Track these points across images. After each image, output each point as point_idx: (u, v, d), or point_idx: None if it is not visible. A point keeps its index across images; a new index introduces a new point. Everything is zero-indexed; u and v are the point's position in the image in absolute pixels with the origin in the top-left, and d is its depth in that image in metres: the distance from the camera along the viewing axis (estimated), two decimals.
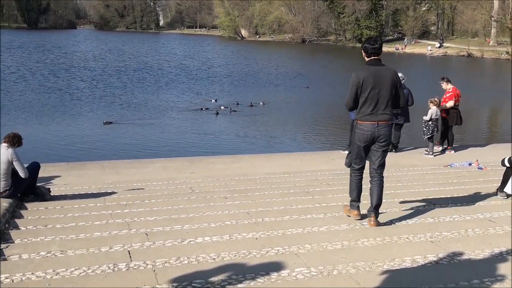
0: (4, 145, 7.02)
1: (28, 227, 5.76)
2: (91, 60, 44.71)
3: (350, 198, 5.90)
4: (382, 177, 5.61)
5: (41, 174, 9.51)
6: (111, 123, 17.91)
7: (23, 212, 6.59)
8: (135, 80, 31.46)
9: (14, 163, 6.97)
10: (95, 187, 8.64)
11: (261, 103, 23.06)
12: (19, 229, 5.70)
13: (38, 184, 8.74)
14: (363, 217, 5.83)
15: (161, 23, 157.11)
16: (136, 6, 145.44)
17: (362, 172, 5.74)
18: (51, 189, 7.80)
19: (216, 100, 23.83)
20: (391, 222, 5.85)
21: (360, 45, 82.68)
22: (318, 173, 9.94)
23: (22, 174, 7.03)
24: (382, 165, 5.57)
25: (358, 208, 5.79)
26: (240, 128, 18.33)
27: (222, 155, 12.77)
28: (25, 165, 7.34)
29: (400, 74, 12.02)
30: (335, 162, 11.21)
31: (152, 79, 32.67)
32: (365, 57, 5.56)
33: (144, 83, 30.36)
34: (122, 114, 20.36)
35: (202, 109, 21.64)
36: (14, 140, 7.11)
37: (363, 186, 5.89)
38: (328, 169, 10.45)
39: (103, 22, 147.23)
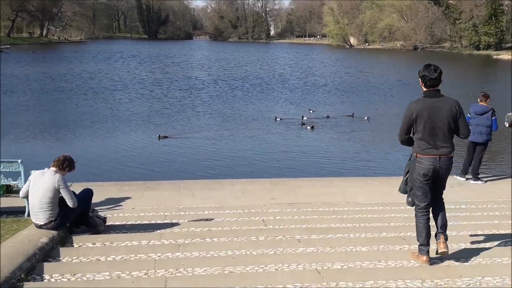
0: (52, 169, 6.27)
1: (53, 276, 4.86)
2: (196, 69, 45.54)
3: (418, 242, 5.34)
4: (443, 199, 5.42)
5: (115, 194, 9.01)
6: (166, 137, 17.06)
7: (64, 250, 5.75)
8: (232, 89, 31.29)
9: (61, 190, 6.18)
10: (162, 214, 7.77)
11: (365, 118, 21.32)
12: (42, 278, 4.82)
13: (104, 208, 8.13)
14: (432, 261, 5.25)
15: (272, 33, 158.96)
16: (249, 17, 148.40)
17: (429, 211, 5.31)
18: (107, 219, 6.94)
19: (313, 111, 22.62)
20: None
21: (477, 52, 77.90)
22: None
23: (70, 203, 6.23)
24: (442, 192, 5.42)
25: (427, 253, 5.26)
26: (336, 145, 16.83)
27: (311, 176, 11.41)
28: (78, 192, 6.58)
29: None
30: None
31: (248, 88, 32.36)
32: (422, 87, 5.22)
33: (240, 92, 30.12)
34: (208, 124, 19.93)
35: (276, 118, 20.72)
36: (64, 164, 6.34)
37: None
38: None
39: (217, 33, 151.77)
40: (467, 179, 10.49)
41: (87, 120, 20.01)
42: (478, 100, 10.39)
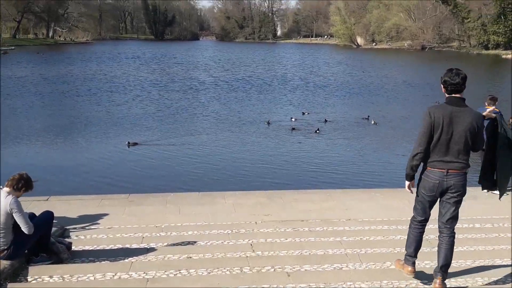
0: (5, 190, 5.46)
1: None
2: (198, 70, 45.09)
3: (406, 251, 5.06)
4: (453, 233, 4.87)
5: (94, 210, 8.22)
6: (136, 144, 15.74)
7: (13, 286, 4.94)
8: (231, 90, 30.72)
9: (14, 215, 5.38)
10: (140, 235, 6.97)
11: (372, 122, 20.30)
12: None
13: (78, 226, 7.34)
14: (418, 275, 5.04)
15: (279, 33, 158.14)
16: (255, 17, 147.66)
17: (424, 225, 4.99)
18: (72, 244, 6.15)
19: (308, 113, 22.11)
20: None
21: (486, 51, 76.62)
22: (434, 224, 7.39)
23: (25, 229, 5.41)
24: (453, 218, 4.82)
25: (413, 264, 4.99)
26: (338, 151, 15.80)
27: (310, 188, 10.53)
28: (38, 214, 5.78)
29: None
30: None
31: (249, 89, 31.81)
32: (444, 93, 4.76)
33: (239, 93, 29.60)
34: (203, 127, 19.23)
35: (269, 123, 19.81)
36: (20, 184, 5.53)
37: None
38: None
39: (223, 33, 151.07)
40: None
41: (79, 124, 19.23)
42: (486, 103, 9.54)
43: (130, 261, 5.75)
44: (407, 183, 4.87)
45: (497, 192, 9.33)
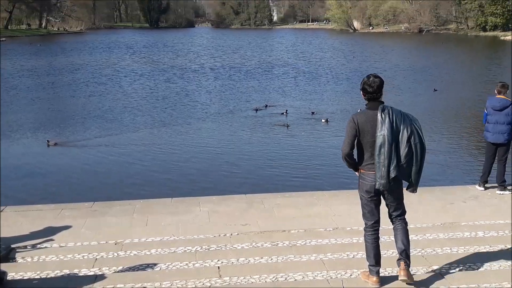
0: None
1: None
2: (183, 58, 44.62)
3: (367, 262, 5.07)
4: (404, 219, 5.09)
5: (51, 222, 7.33)
6: (56, 144, 14.20)
7: None
8: (211, 78, 30.15)
9: None
10: (94, 256, 6.15)
11: (322, 121, 19.11)
12: None
13: (30, 243, 6.48)
14: (383, 282, 5.00)
15: (275, 18, 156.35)
16: (251, 2, 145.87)
17: (377, 229, 5.06)
18: (5, 274, 5.25)
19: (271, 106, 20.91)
20: None
21: (484, 33, 75.45)
22: (434, 234, 6.54)
23: None
24: (402, 213, 5.07)
25: (377, 274, 5.04)
26: (326, 147, 14.76)
27: (295, 191, 9.57)
28: None
29: None
30: (460, 206, 7.74)
31: (231, 75, 31.31)
32: (364, 99, 5.02)
33: (222, 81, 28.98)
34: (174, 122, 18.20)
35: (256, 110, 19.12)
36: None
37: None
38: (446, 221, 6.98)
39: (219, 20, 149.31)
40: (486, 188, 8.71)
41: (44, 119, 18.24)
42: (496, 91, 8.56)
43: None
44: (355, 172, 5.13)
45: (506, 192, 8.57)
